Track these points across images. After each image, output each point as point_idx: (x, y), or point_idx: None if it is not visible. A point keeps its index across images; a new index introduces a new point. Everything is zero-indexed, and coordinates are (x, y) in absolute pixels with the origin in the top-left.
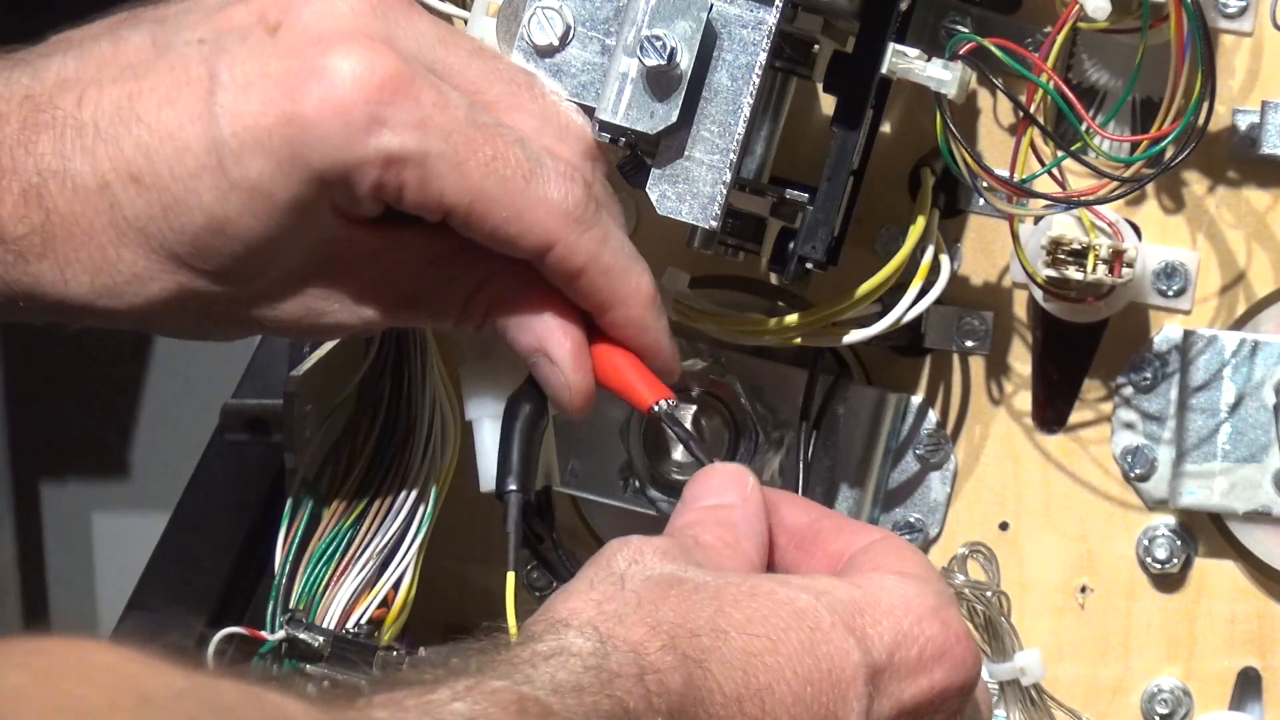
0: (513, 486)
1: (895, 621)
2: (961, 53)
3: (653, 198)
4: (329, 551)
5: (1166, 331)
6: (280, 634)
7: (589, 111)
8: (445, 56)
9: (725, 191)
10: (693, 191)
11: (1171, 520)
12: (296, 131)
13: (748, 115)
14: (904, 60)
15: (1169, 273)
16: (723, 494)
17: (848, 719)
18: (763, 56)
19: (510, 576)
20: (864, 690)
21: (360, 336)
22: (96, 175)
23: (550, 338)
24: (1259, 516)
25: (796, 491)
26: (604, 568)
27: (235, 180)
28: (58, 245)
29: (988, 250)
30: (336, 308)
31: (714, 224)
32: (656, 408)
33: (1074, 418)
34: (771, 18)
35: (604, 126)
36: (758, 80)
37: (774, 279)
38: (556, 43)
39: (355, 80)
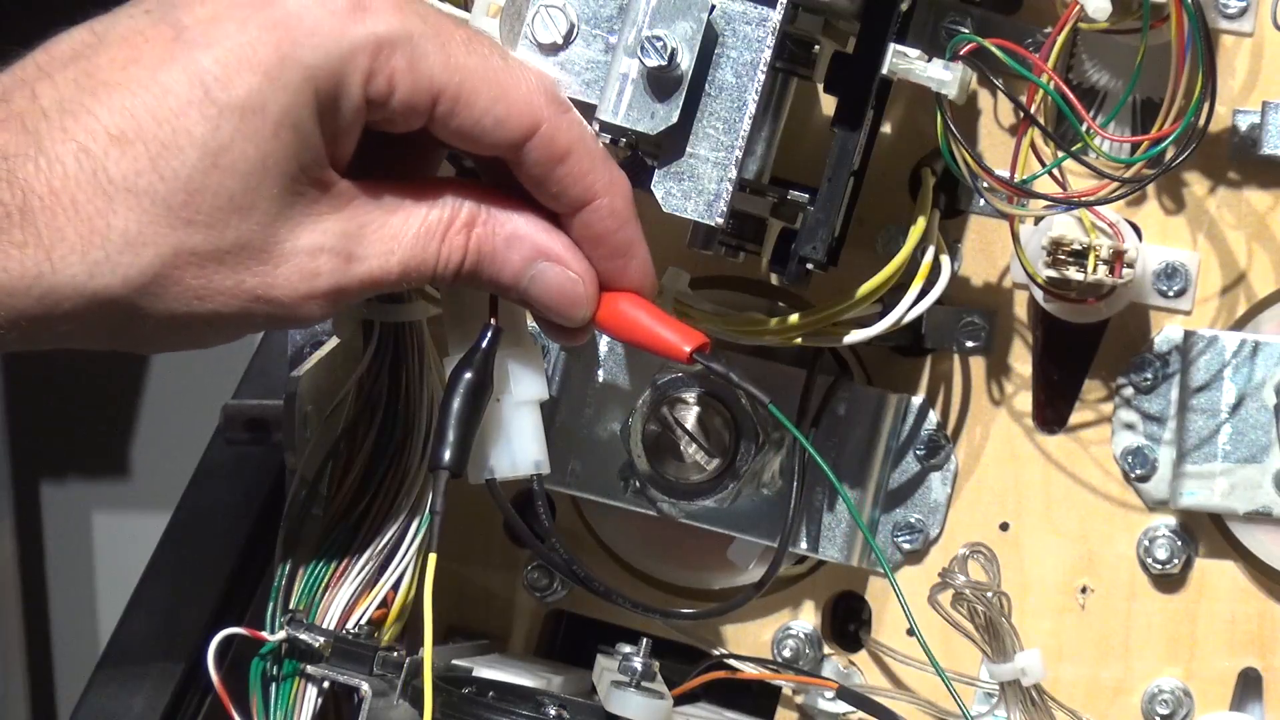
0: (445, 464)
1: None
2: (962, 53)
3: (657, 195)
4: (329, 552)
5: (1167, 332)
6: (280, 634)
7: (591, 110)
8: None
9: (730, 189)
10: (698, 189)
11: (1172, 521)
12: (283, 33)
13: (753, 112)
14: (904, 61)
15: (1169, 273)
16: None
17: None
18: (767, 53)
19: (431, 558)
20: None
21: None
22: (72, 147)
23: (546, 241)
24: (1259, 517)
25: (792, 495)
26: None
27: (225, 104)
28: (39, 223)
29: (988, 251)
30: (326, 264)
31: (719, 221)
32: (697, 355)
33: (1074, 418)
34: (776, 14)
35: (605, 127)
36: (762, 77)
37: (774, 279)
38: (561, 41)
39: None
